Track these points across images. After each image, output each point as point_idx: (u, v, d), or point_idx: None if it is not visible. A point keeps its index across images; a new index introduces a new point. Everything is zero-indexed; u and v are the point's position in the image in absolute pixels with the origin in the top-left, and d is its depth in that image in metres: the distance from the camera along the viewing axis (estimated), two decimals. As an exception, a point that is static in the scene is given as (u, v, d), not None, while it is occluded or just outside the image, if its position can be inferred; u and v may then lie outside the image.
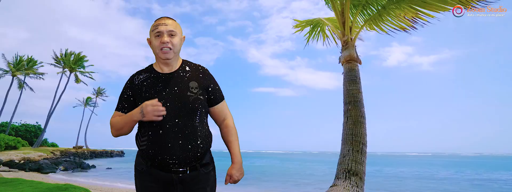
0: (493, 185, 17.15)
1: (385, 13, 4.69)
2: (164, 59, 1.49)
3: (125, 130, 1.49)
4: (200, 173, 1.50)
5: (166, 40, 1.46)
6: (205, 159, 1.53)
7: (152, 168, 1.47)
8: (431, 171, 28.05)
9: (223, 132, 1.65)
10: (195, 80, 1.53)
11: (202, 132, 1.49)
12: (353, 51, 4.53)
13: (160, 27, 1.48)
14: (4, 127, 40.58)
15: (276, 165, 36.34)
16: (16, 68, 34.24)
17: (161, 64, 1.55)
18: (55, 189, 5.92)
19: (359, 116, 4.05)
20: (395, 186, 16.17)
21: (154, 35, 1.49)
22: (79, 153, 37.60)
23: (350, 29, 4.73)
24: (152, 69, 1.57)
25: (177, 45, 1.50)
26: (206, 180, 1.53)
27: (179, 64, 1.58)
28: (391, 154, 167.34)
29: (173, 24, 1.51)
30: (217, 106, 1.61)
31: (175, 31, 1.50)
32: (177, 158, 1.42)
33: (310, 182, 17.10)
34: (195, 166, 1.48)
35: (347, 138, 3.96)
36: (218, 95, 1.61)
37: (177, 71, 1.55)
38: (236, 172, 1.57)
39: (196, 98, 1.48)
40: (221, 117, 1.64)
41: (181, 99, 1.45)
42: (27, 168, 18.40)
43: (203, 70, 1.60)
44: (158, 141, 1.42)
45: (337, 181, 3.59)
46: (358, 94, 4.21)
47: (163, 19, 1.52)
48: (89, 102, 54.22)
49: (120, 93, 1.58)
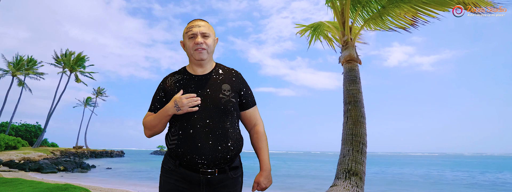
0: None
1: (385, 13, 4.71)
2: (198, 59, 1.50)
3: (159, 127, 1.50)
4: (228, 176, 1.48)
5: (200, 40, 1.48)
6: (234, 163, 1.52)
7: (180, 167, 1.47)
8: (443, 172, 28.05)
9: (253, 138, 1.64)
10: (228, 83, 1.54)
11: (233, 135, 1.49)
12: (353, 51, 4.53)
13: (194, 29, 1.50)
14: (4, 127, 40.59)
15: (277, 165, 36.35)
16: (16, 68, 34.24)
17: (194, 65, 1.56)
18: (55, 189, 5.92)
19: (359, 116, 4.05)
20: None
21: (188, 37, 1.51)
22: (79, 153, 37.60)
23: (350, 29, 4.73)
24: (185, 71, 1.59)
25: (211, 46, 1.52)
26: (234, 185, 1.51)
27: (213, 67, 1.59)
28: (391, 154, 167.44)
29: (206, 25, 1.53)
30: (249, 110, 1.61)
31: (209, 32, 1.52)
32: (206, 158, 1.41)
33: (310, 182, 17.10)
34: (224, 169, 1.47)
35: (347, 138, 3.96)
36: (250, 99, 1.62)
37: (210, 73, 1.56)
38: (264, 180, 1.56)
39: (228, 100, 1.48)
40: (252, 122, 1.64)
41: (213, 101, 1.46)
42: (27, 168, 18.39)
43: (236, 74, 1.61)
44: (188, 140, 1.43)
45: (337, 181, 3.59)
46: (358, 94, 4.21)
47: (196, 21, 1.54)
48: (89, 102, 54.26)
49: (153, 94, 1.59)
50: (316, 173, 24.85)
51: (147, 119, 1.53)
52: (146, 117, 1.56)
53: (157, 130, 1.52)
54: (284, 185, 15.77)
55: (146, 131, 1.55)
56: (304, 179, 19.28)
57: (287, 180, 17.98)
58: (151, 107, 1.58)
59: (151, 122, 1.50)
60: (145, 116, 1.58)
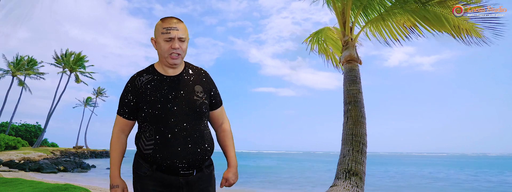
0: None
1: (388, 17, 4.66)
2: (172, 64, 1.47)
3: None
4: (204, 173, 1.52)
5: (177, 46, 1.43)
6: (208, 161, 1.56)
7: (157, 171, 1.45)
8: (441, 172, 28.04)
9: (220, 136, 1.67)
10: (200, 84, 1.54)
11: (207, 136, 1.52)
12: (353, 51, 4.53)
13: (172, 32, 1.42)
14: (4, 127, 40.59)
15: (276, 165, 36.34)
16: (16, 68, 34.25)
17: (165, 66, 1.52)
18: (55, 189, 5.91)
19: (359, 116, 4.05)
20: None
21: (164, 38, 1.43)
22: (79, 153, 37.59)
23: (351, 29, 4.73)
24: (154, 70, 1.53)
25: (185, 50, 1.49)
26: (209, 180, 1.55)
27: (183, 67, 1.56)
28: (391, 154, 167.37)
29: (183, 29, 1.46)
30: (217, 110, 1.63)
31: (185, 36, 1.47)
32: (186, 162, 1.42)
33: (310, 182, 17.10)
34: (201, 168, 1.51)
35: (347, 138, 3.96)
36: (219, 99, 1.63)
37: (182, 73, 1.53)
38: (232, 176, 1.61)
39: (202, 102, 1.49)
40: (220, 121, 1.67)
41: (188, 103, 1.45)
42: (27, 168, 18.38)
43: (206, 74, 1.61)
44: (166, 145, 1.41)
45: (337, 181, 3.59)
46: (358, 94, 4.21)
47: (174, 22, 1.44)
48: (89, 102, 54.26)
49: (120, 96, 1.53)
50: (316, 173, 24.84)
51: (113, 143, 1.53)
52: (117, 125, 1.54)
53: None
54: (284, 185, 15.77)
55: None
56: (304, 179, 19.28)
57: (287, 180, 17.98)
58: (119, 111, 1.53)
59: (111, 149, 1.54)
60: (115, 121, 1.55)
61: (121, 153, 1.54)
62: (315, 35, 5.97)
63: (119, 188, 1.49)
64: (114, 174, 1.50)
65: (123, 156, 1.58)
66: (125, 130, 1.56)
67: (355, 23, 4.88)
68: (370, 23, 4.96)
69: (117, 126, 1.54)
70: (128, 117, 1.52)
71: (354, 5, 4.87)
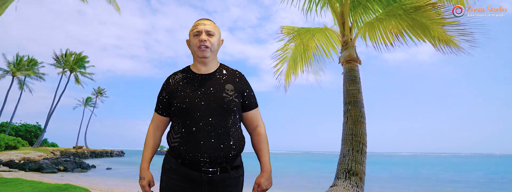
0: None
1: (378, 23, 4.60)
2: (201, 57, 1.52)
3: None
4: (230, 176, 1.49)
5: (204, 38, 1.50)
6: (236, 162, 1.53)
7: (181, 166, 1.47)
8: (442, 172, 28.03)
9: (255, 140, 1.64)
10: (231, 83, 1.55)
11: (235, 134, 1.50)
12: (352, 51, 4.53)
13: (199, 27, 1.52)
14: (4, 127, 40.58)
15: (276, 165, 36.32)
16: (16, 68, 34.24)
17: (198, 64, 1.57)
18: (55, 189, 5.91)
19: (359, 116, 4.05)
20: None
21: (193, 35, 1.53)
22: (79, 153, 37.58)
23: (350, 29, 4.72)
24: (188, 69, 1.60)
25: (214, 44, 1.54)
26: (235, 184, 1.52)
27: (217, 67, 1.60)
28: (392, 154, 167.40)
29: (211, 24, 1.56)
30: (251, 112, 1.62)
31: (214, 31, 1.54)
32: (208, 157, 1.41)
33: (310, 182, 17.10)
34: (226, 168, 1.47)
35: (347, 138, 3.96)
36: (253, 101, 1.62)
37: (214, 72, 1.57)
38: (265, 181, 1.57)
39: (231, 100, 1.49)
40: (254, 124, 1.64)
41: (216, 99, 1.47)
42: (27, 168, 18.37)
43: (240, 75, 1.62)
44: (190, 138, 1.44)
45: (337, 181, 3.60)
46: (358, 94, 4.21)
47: (202, 20, 1.57)
48: (89, 102, 54.23)
49: (158, 94, 1.61)
50: (316, 173, 24.83)
51: (147, 135, 1.62)
52: (153, 121, 1.63)
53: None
54: (284, 185, 15.77)
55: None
56: (304, 179, 19.27)
57: (287, 180, 17.98)
58: (156, 108, 1.62)
59: (145, 142, 1.63)
60: (152, 118, 1.64)
61: (152, 147, 1.61)
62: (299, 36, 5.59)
63: (145, 180, 1.56)
64: (143, 166, 1.58)
65: (155, 151, 1.63)
66: (160, 126, 1.64)
67: (354, 22, 4.88)
68: (364, 27, 4.94)
69: (153, 122, 1.64)
70: (162, 113, 1.60)
71: (353, 5, 4.88)
